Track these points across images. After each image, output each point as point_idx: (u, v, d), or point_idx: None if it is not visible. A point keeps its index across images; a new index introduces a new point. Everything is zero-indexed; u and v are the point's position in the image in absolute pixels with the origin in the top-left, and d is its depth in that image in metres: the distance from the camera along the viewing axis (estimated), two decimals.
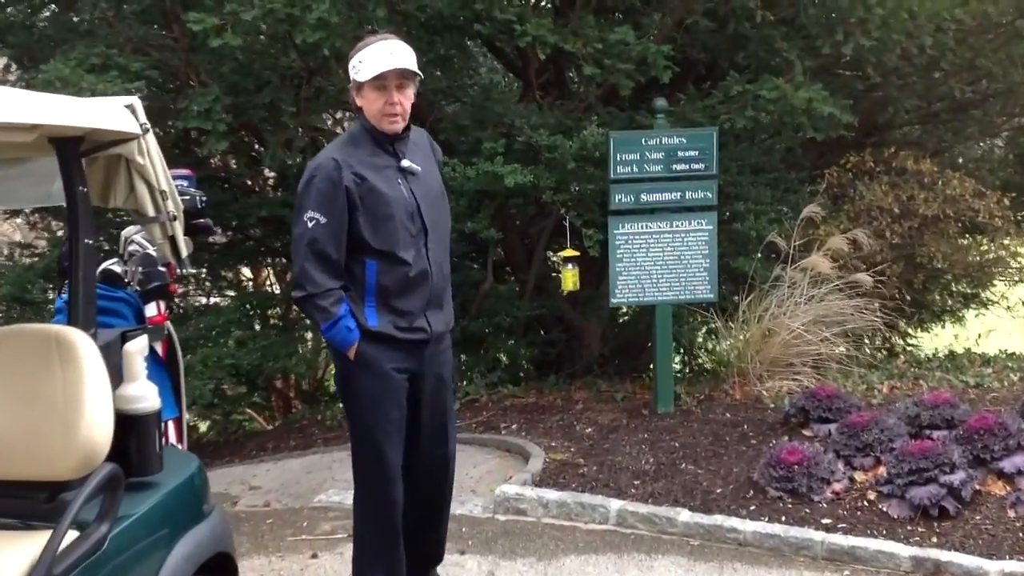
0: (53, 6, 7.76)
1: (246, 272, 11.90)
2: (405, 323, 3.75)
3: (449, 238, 4.00)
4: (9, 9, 7.69)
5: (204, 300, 10.61)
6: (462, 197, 7.45)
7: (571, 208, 7.24)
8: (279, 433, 8.14)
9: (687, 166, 6.62)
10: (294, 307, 11.80)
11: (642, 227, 6.64)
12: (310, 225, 3.65)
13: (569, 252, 6.75)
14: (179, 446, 3.77)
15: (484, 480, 5.98)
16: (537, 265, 8.64)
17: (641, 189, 6.59)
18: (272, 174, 9.30)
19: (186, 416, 3.91)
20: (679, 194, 6.64)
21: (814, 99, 6.61)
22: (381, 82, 3.66)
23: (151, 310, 3.59)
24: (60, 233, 8.98)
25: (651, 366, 7.21)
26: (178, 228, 3.38)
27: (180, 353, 3.83)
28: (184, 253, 3.42)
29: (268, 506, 5.79)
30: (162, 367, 3.52)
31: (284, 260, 11.08)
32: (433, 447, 3.98)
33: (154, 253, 3.48)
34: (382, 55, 3.67)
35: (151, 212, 3.30)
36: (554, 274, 8.72)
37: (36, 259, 8.81)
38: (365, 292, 3.72)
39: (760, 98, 6.72)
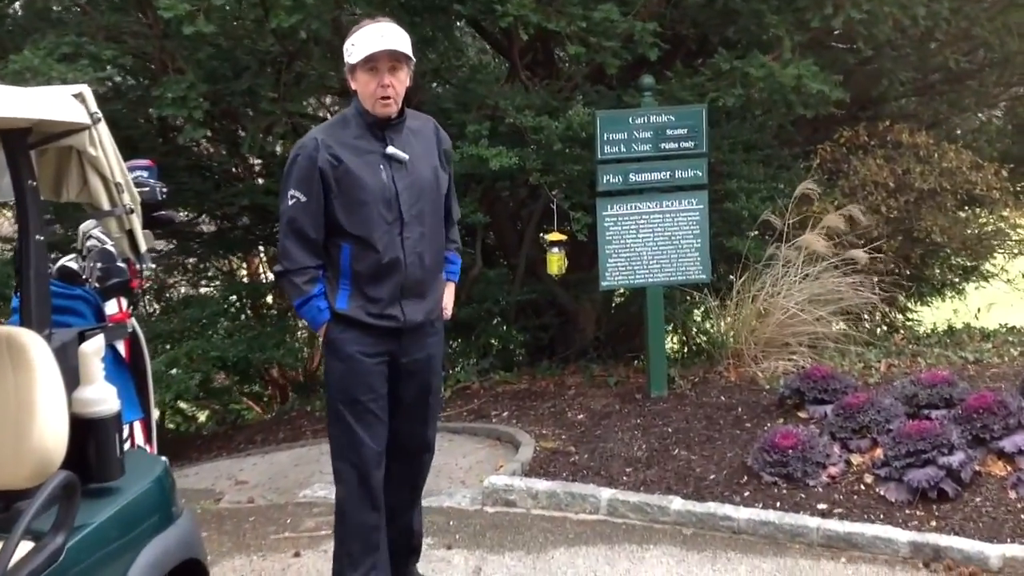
0: None
1: (236, 262, 11.79)
2: (376, 309, 3.72)
3: (443, 229, 3.91)
4: None
5: (192, 290, 10.48)
6: None
7: (559, 190, 7.09)
8: (268, 425, 8.02)
9: (676, 144, 6.46)
10: (282, 296, 11.72)
11: (631, 208, 6.49)
12: (291, 203, 3.68)
13: (555, 236, 6.61)
14: (147, 448, 3.63)
15: (474, 470, 5.86)
16: (528, 248, 8.49)
17: (629, 169, 6.44)
18: (258, 161, 9.16)
19: (155, 415, 3.77)
20: (668, 173, 6.49)
21: (803, 76, 6.44)
22: (373, 64, 3.63)
23: (111, 307, 3.45)
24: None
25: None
26: (136, 221, 3.24)
27: (146, 350, 3.69)
28: (143, 247, 3.28)
29: (252, 502, 5.68)
30: (124, 367, 3.39)
31: (273, 248, 10.96)
32: (412, 429, 3.94)
33: (112, 248, 3.34)
34: (373, 37, 3.64)
35: (106, 205, 3.16)
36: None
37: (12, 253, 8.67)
38: (340, 275, 3.73)
39: (748, 75, 6.55)
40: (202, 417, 10.86)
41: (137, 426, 3.56)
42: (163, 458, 3.54)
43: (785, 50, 6.64)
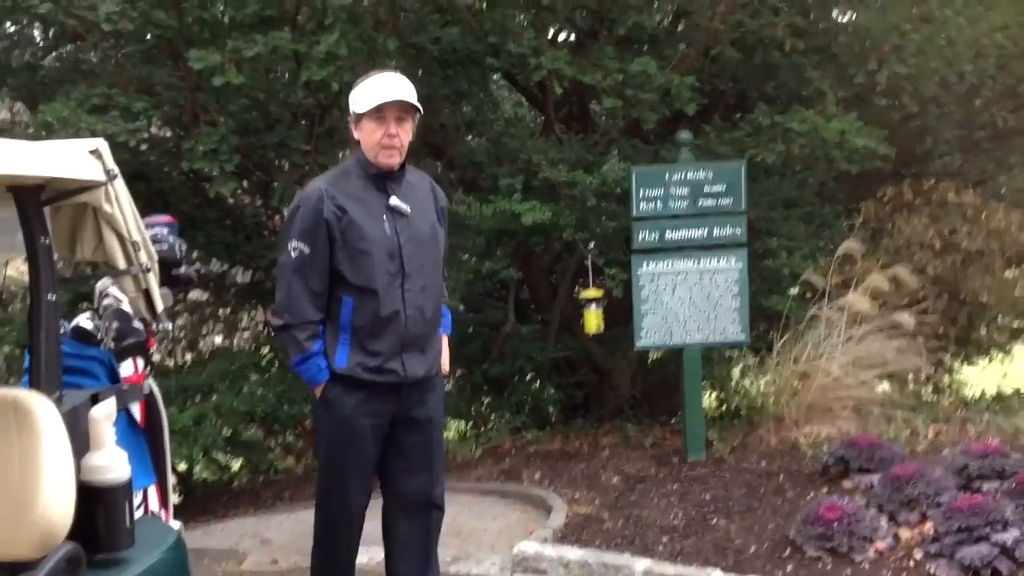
0: (58, 49, 7.64)
1: (268, 314, 11.73)
2: (375, 363, 3.65)
3: (441, 284, 3.91)
4: (15, 52, 7.56)
5: (226, 342, 10.41)
6: (479, 236, 7.18)
7: (593, 246, 6.94)
8: (297, 481, 7.86)
9: (714, 201, 6.30)
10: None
11: (668, 266, 6.32)
12: (294, 255, 3.63)
13: (591, 292, 6.44)
14: (162, 513, 3.49)
15: (504, 535, 5.64)
16: (562, 304, 8.33)
17: (666, 226, 6.28)
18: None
19: (172, 481, 3.63)
20: (706, 231, 6.32)
21: (847, 131, 6.28)
22: (380, 114, 3.63)
23: (127, 368, 3.33)
24: None
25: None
26: (152, 280, 3.12)
27: (163, 412, 3.56)
28: (159, 307, 3.16)
29: (275, 563, 5.49)
30: (138, 430, 3.26)
31: None
32: (417, 485, 3.87)
33: (128, 308, 3.22)
34: (381, 87, 3.64)
35: (122, 264, 3.04)
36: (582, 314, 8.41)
37: None
38: (340, 329, 3.66)
39: (790, 131, 6.40)
40: (235, 466, 10.72)
41: (152, 491, 3.41)
42: (177, 525, 3.40)
43: (829, 104, 6.49)
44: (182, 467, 8.61)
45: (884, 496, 5.04)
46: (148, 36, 6.50)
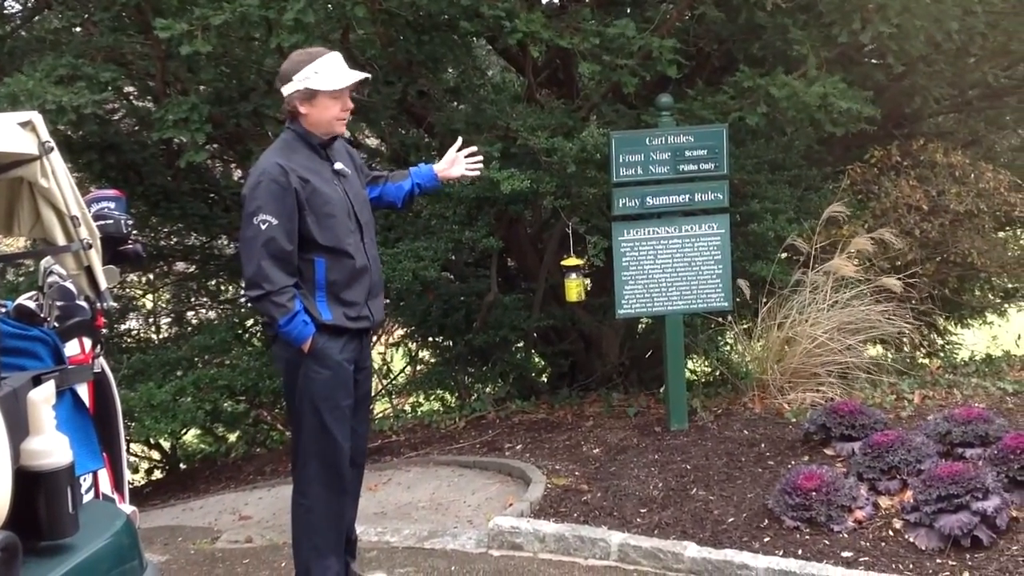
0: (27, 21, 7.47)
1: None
2: (354, 313, 4.06)
3: (374, 230, 4.31)
4: None
5: (213, 315, 10.32)
6: (460, 205, 7.06)
7: (574, 214, 6.82)
8: (279, 456, 7.79)
9: (696, 166, 6.17)
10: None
11: (649, 232, 6.21)
12: (263, 227, 3.86)
13: (571, 261, 6.32)
14: (116, 497, 3.40)
15: (482, 509, 5.58)
16: (548, 272, 8.22)
17: (646, 192, 6.16)
18: None
19: (126, 461, 3.54)
20: (688, 196, 6.20)
21: (830, 93, 6.12)
22: (340, 91, 4.01)
23: (72, 348, 3.23)
24: None
25: None
26: (95, 257, 3.02)
27: (116, 392, 3.47)
28: (103, 285, 3.06)
29: (250, 542, 5.42)
30: (85, 412, 3.17)
31: None
32: (358, 437, 4.29)
33: (71, 286, 3.12)
34: (340, 67, 4.04)
35: (61, 240, 2.94)
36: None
37: None
38: (315, 288, 4.00)
39: (772, 94, 6.25)
40: (232, 438, 10.68)
41: (103, 475, 3.32)
42: (128, 509, 3.31)
43: (810, 67, 6.34)
44: (166, 444, 8.57)
45: (864, 464, 4.96)
46: (115, 3, 6.33)
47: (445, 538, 5.16)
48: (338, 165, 4.09)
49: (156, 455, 9.54)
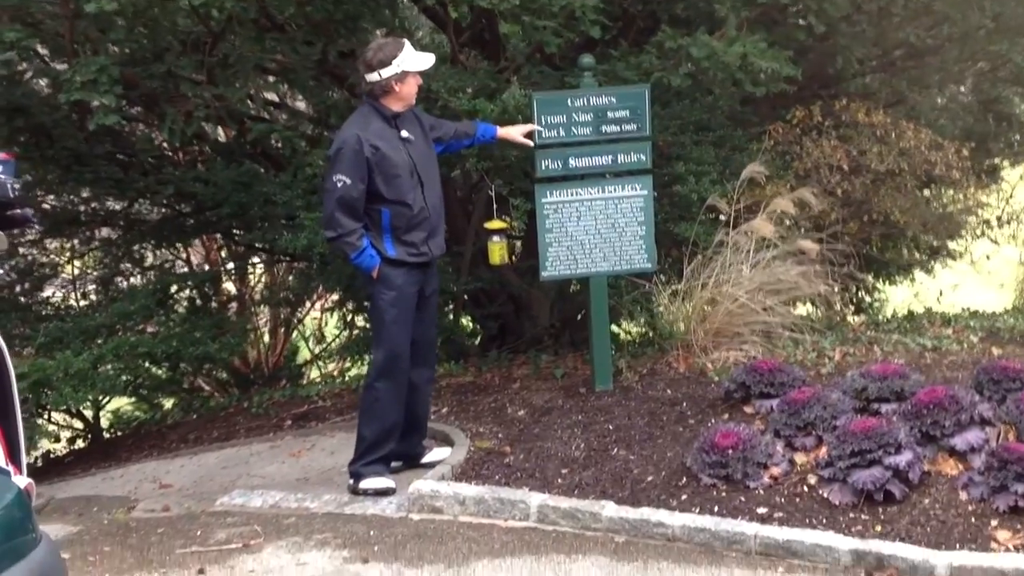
0: None
1: (188, 251, 11.44)
2: (414, 251, 5.18)
3: (439, 182, 5.40)
4: None
5: (135, 282, 10.12)
6: None
7: (498, 176, 6.76)
8: (203, 423, 7.69)
9: (618, 127, 6.13)
10: (224, 287, 11.39)
11: (572, 194, 6.17)
12: (339, 185, 5.01)
13: (494, 224, 6.25)
14: (10, 469, 3.30)
15: (405, 474, 5.54)
16: (475, 236, 8.16)
17: (569, 154, 6.12)
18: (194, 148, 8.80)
19: (21, 427, 3.44)
20: (610, 158, 6.16)
21: (750, 53, 6.12)
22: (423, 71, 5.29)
23: None
24: None
25: None
26: None
27: (9, 362, 3.36)
28: None
29: (167, 511, 5.35)
30: None
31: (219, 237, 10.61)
32: (427, 332, 5.52)
33: None
34: (421, 53, 5.27)
35: None
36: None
37: None
38: (383, 231, 5.13)
39: (692, 55, 6.23)
40: (168, 404, 10.53)
41: None
42: (23, 482, 3.21)
43: (730, 27, 6.32)
44: (88, 413, 8.41)
45: (781, 421, 5.01)
46: None
47: (366, 503, 5.13)
48: (404, 133, 5.14)
49: (79, 424, 9.37)
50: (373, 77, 5.09)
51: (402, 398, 5.30)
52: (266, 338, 12.25)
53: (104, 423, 10.10)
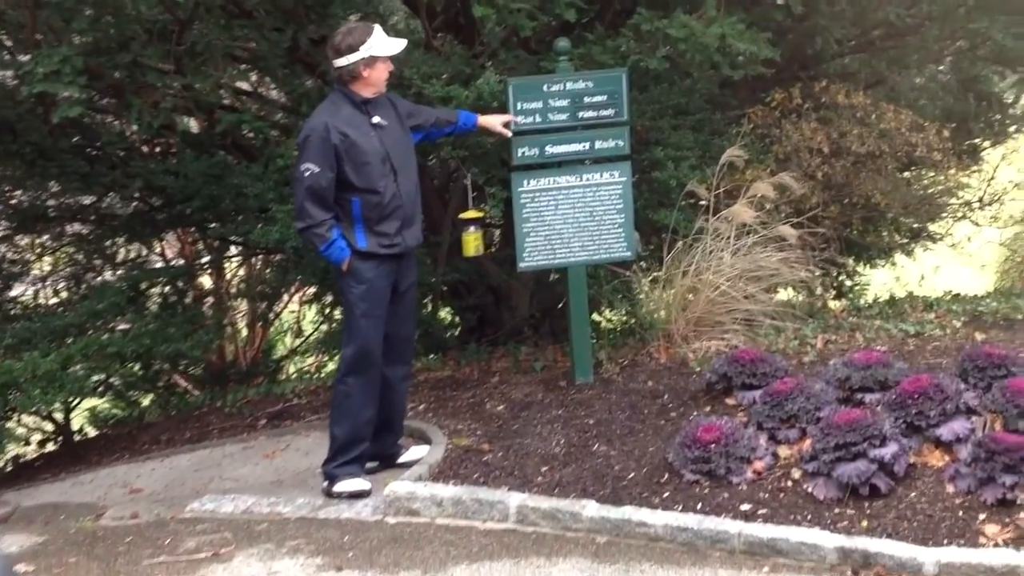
0: None
1: (160, 245, 11.22)
2: (387, 242, 5.01)
3: (416, 170, 5.22)
4: None
5: (107, 278, 9.92)
6: None
7: (474, 164, 6.62)
8: (175, 423, 7.51)
9: (595, 113, 6.01)
10: (200, 282, 11.21)
11: (549, 182, 6.04)
12: (307, 174, 4.86)
13: (471, 213, 6.10)
14: None
15: (380, 475, 5.40)
16: (452, 226, 8.01)
17: (546, 141, 5.99)
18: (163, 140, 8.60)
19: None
20: (588, 144, 6.04)
21: (728, 35, 5.98)
22: (393, 56, 5.07)
23: None
24: None
25: None
26: None
27: None
28: None
29: (136, 518, 5.19)
30: None
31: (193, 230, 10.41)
32: (402, 328, 5.31)
33: None
34: (390, 38, 5.05)
35: None
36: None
37: None
38: (354, 221, 4.97)
39: (671, 36, 6.09)
40: (146, 402, 10.37)
41: None
42: None
43: (708, 8, 6.18)
44: (59, 415, 8.23)
45: (764, 413, 4.90)
46: None
47: (340, 506, 5.00)
48: (376, 119, 4.98)
49: (50, 426, 9.19)
50: (341, 62, 4.95)
51: (375, 395, 5.16)
52: (243, 333, 12.08)
53: (80, 422, 9.92)
